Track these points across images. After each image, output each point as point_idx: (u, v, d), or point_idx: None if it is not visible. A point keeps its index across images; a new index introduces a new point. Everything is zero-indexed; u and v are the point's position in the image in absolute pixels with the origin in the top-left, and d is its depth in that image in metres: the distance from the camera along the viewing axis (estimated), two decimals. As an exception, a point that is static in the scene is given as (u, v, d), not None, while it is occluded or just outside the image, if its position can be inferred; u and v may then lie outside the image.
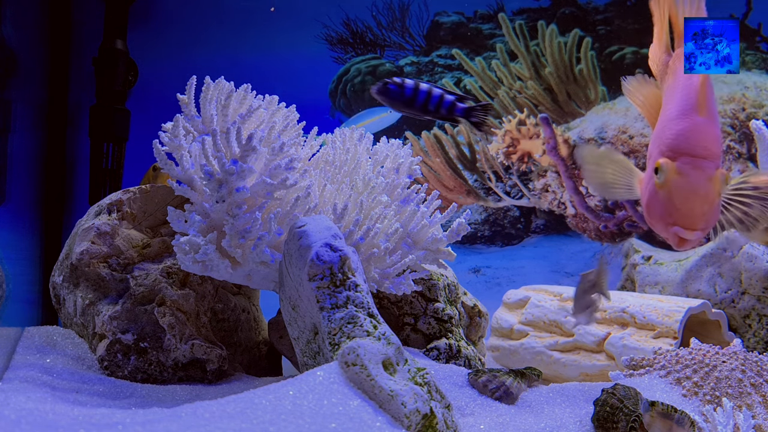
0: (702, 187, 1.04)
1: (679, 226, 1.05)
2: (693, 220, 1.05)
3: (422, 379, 1.15)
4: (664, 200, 1.06)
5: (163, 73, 2.61)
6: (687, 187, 1.05)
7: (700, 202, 1.05)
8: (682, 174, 1.05)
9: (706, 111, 1.10)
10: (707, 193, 1.05)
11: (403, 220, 1.58)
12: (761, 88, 2.70)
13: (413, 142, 2.79)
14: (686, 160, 1.06)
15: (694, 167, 1.05)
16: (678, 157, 1.07)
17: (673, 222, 1.06)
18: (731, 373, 1.42)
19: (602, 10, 2.78)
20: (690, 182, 1.04)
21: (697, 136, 1.08)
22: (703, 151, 1.06)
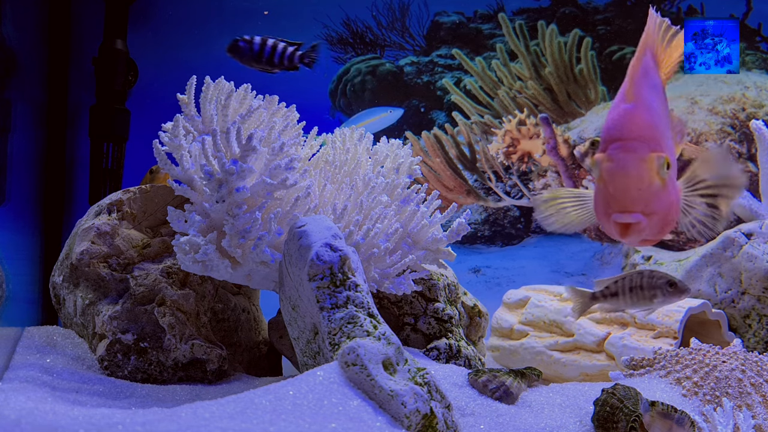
0: (632, 166, 1.00)
1: (616, 211, 1.01)
2: (627, 201, 1.00)
3: (422, 379, 1.15)
4: (603, 192, 1.02)
5: (163, 73, 2.61)
6: (617, 170, 1.01)
7: (633, 182, 1.00)
8: (611, 159, 1.02)
9: (634, 97, 1.07)
10: (640, 173, 1.00)
11: (403, 220, 1.58)
12: (761, 88, 2.70)
13: (413, 142, 2.79)
14: (615, 145, 1.02)
15: (622, 150, 1.02)
16: (606, 146, 1.04)
17: (609, 211, 1.02)
18: (731, 373, 1.42)
19: (602, 10, 2.78)
20: (619, 164, 1.01)
21: (623, 121, 1.04)
22: (630, 134, 1.03)
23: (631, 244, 1.07)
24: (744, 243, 1.97)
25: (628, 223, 1.00)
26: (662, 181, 1.02)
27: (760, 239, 1.96)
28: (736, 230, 2.01)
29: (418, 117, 2.83)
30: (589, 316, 1.84)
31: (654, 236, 1.07)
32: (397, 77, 2.83)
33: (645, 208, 1.00)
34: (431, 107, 2.83)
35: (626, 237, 1.02)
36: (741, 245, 1.97)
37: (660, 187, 1.02)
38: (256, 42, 1.72)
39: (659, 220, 1.03)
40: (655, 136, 1.05)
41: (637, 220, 0.99)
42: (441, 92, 2.83)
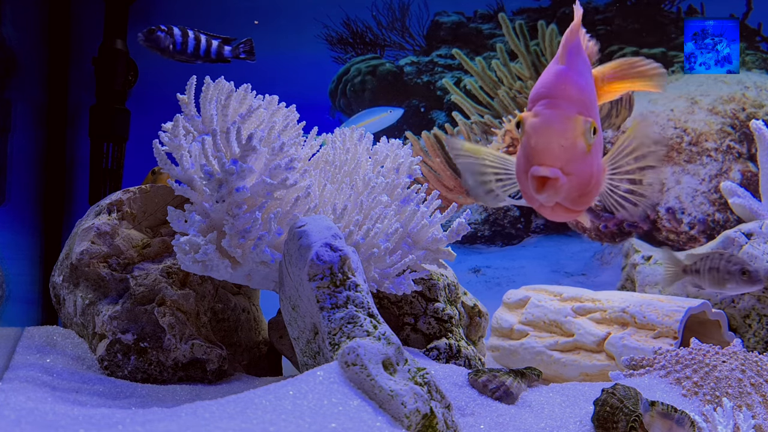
0: (557, 122, 0.97)
1: (534, 164, 0.96)
2: (547, 155, 0.96)
3: (422, 379, 1.15)
4: (523, 148, 0.99)
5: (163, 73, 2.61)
6: (540, 124, 0.97)
7: (555, 137, 0.96)
8: (536, 114, 0.99)
9: (567, 62, 1.04)
10: (564, 129, 0.97)
11: (403, 220, 1.58)
12: (761, 88, 2.70)
13: (413, 142, 2.79)
14: (542, 102, 1.00)
15: (548, 106, 0.99)
16: (532, 105, 1.01)
17: (530, 164, 0.98)
18: (731, 373, 1.42)
19: (602, 10, 2.78)
20: (543, 119, 0.97)
21: (553, 81, 1.02)
22: (559, 93, 1.00)
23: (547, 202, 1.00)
24: (744, 243, 1.97)
25: (545, 178, 0.96)
26: (587, 145, 0.98)
27: (760, 239, 1.96)
28: (736, 230, 2.01)
29: (418, 117, 2.83)
30: (589, 316, 1.84)
31: (572, 203, 1.02)
32: (397, 77, 2.83)
33: (565, 166, 0.96)
34: (431, 107, 2.83)
35: (542, 192, 0.98)
36: (741, 245, 1.97)
37: (584, 150, 0.98)
38: (177, 33, 1.71)
39: (578, 185, 0.99)
40: (584, 100, 1.02)
41: (555, 175, 0.95)
42: (441, 92, 2.83)
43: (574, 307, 1.86)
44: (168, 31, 1.70)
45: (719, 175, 2.66)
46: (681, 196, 2.68)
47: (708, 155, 2.68)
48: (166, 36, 1.68)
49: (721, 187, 2.18)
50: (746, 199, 2.12)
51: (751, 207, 2.10)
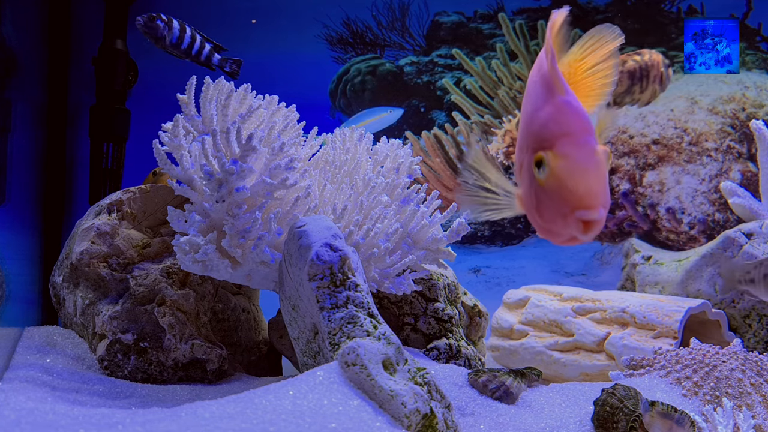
0: (592, 161, 0.93)
1: (581, 209, 0.92)
2: (594, 197, 0.92)
3: (422, 379, 1.15)
4: (556, 190, 0.94)
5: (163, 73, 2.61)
6: (578, 165, 0.93)
7: (595, 177, 0.93)
8: (566, 155, 0.93)
9: (565, 90, 0.99)
10: (599, 168, 0.94)
11: (403, 220, 1.58)
12: (761, 88, 2.70)
13: (413, 142, 2.79)
14: (565, 141, 0.94)
15: (576, 144, 0.94)
16: (553, 143, 0.95)
17: (572, 208, 0.93)
18: (731, 373, 1.42)
19: (602, 10, 2.78)
20: (579, 158, 0.93)
21: (566, 115, 0.97)
22: (577, 128, 0.95)
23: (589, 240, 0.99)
24: (744, 243, 1.97)
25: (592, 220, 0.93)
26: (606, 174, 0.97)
27: (760, 239, 1.96)
28: (736, 230, 2.01)
29: (418, 117, 2.83)
30: (589, 316, 1.84)
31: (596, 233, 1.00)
32: (397, 77, 2.83)
33: (606, 204, 0.95)
34: (431, 107, 2.83)
35: (589, 233, 0.94)
36: (741, 245, 1.97)
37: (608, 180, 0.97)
38: (175, 27, 1.72)
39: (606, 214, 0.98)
40: (593, 129, 0.98)
41: (602, 216, 0.93)
42: (441, 92, 2.83)
43: (574, 307, 1.86)
44: (167, 23, 1.71)
45: (719, 175, 2.66)
46: (681, 196, 2.68)
47: (708, 155, 2.68)
48: (164, 27, 1.69)
49: (721, 187, 2.18)
50: (746, 199, 2.12)
51: (751, 207, 2.10)
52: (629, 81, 2.13)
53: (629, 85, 2.15)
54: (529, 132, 1.01)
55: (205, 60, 1.79)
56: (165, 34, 1.70)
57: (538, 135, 0.98)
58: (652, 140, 2.72)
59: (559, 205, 0.94)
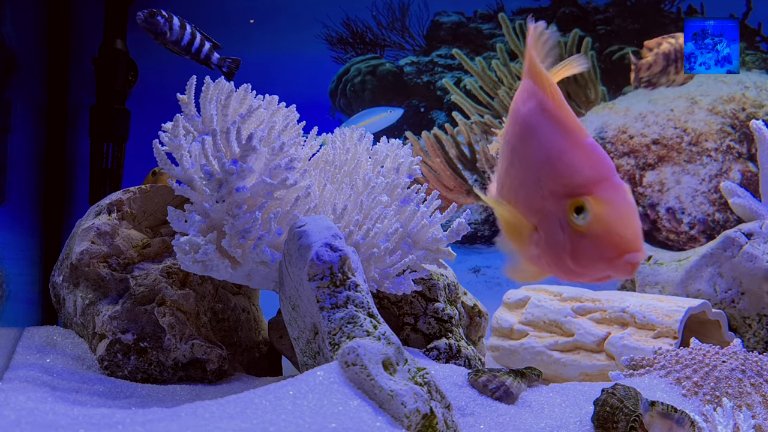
0: (632, 203, 0.93)
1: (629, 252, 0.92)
2: (641, 239, 0.93)
3: (422, 379, 1.15)
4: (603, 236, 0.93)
5: (163, 73, 2.61)
6: (624, 209, 0.93)
7: (637, 219, 0.94)
8: (610, 201, 0.93)
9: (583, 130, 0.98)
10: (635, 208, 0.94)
11: (403, 220, 1.58)
12: (761, 88, 2.70)
13: (413, 142, 2.79)
14: (605, 186, 0.93)
15: (616, 189, 0.93)
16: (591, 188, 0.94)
17: (619, 253, 0.92)
18: (731, 373, 1.42)
19: (602, 10, 2.78)
20: (623, 203, 0.93)
21: (598, 158, 0.96)
22: (612, 170, 0.95)
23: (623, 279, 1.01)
24: (744, 243, 1.97)
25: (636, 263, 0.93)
26: None
27: (760, 239, 1.96)
28: (736, 230, 2.01)
29: (418, 117, 2.83)
30: (589, 316, 1.84)
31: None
32: (397, 77, 2.83)
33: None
34: (431, 107, 2.83)
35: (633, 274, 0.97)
36: (741, 245, 1.97)
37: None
38: (176, 23, 1.72)
39: None
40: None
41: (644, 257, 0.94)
42: (441, 92, 2.83)
43: (574, 307, 1.86)
44: (168, 19, 1.71)
45: (719, 175, 2.66)
46: (681, 196, 2.68)
47: (708, 155, 2.68)
48: (165, 23, 1.69)
49: (721, 187, 2.18)
50: (746, 199, 2.12)
51: (751, 207, 2.10)
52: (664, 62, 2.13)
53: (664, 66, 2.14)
54: (554, 177, 0.97)
55: (204, 58, 1.79)
56: (165, 30, 1.70)
57: (570, 180, 0.95)
58: (652, 140, 2.72)
59: (606, 250, 0.93)
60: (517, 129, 1.04)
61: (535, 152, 1.00)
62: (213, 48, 1.80)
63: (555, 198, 0.96)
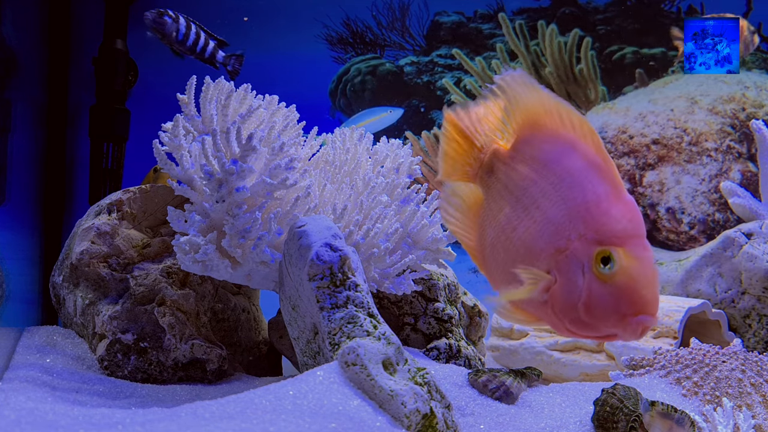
0: (656, 269, 0.94)
1: (645, 314, 0.91)
2: (657, 305, 0.93)
3: (422, 379, 1.15)
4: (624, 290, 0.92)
5: (163, 73, 2.61)
6: (650, 271, 0.92)
7: (657, 284, 0.94)
8: (640, 258, 0.92)
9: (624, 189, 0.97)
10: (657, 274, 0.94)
11: (403, 219, 1.58)
12: (761, 88, 2.70)
13: (413, 142, 2.79)
14: (638, 243, 0.93)
15: (646, 250, 0.93)
16: (624, 241, 0.93)
17: (635, 312, 0.92)
18: (731, 373, 1.42)
19: (602, 10, 2.78)
20: (650, 265, 0.93)
21: (636, 215, 0.95)
22: (643, 232, 0.95)
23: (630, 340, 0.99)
24: (744, 243, 1.97)
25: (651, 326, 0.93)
26: None
27: (760, 239, 1.96)
28: (736, 230, 2.01)
29: (418, 117, 2.83)
30: (589, 316, 1.84)
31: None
32: (397, 77, 2.83)
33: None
34: (431, 107, 2.83)
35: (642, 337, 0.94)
36: (741, 245, 1.97)
37: None
38: (182, 24, 1.73)
39: None
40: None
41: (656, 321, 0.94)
42: (441, 92, 2.83)
43: (574, 307, 1.86)
44: (175, 19, 1.72)
45: (719, 175, 2.66)
46: (681, 196, 2.68)
47: (708, 155, 2.68)
48: (172, 23, 1.70)
49: (721, 187, 2.18)
50: (746, 199, 2.12)
51: (751, 207, 2.10)
52: None
53: None
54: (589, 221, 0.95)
55: (209, 57, 1.80)
56: (173, 30, 1.71)
57: (605, 228, 0.94)
58: (652, 140, 2.72)
59: (623, 304, 0.92)
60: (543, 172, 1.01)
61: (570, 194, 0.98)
62: (218, 46, 1.81)
63: (584, 242, 0.94)
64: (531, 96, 1.01)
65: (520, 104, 1.02)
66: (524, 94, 1.01)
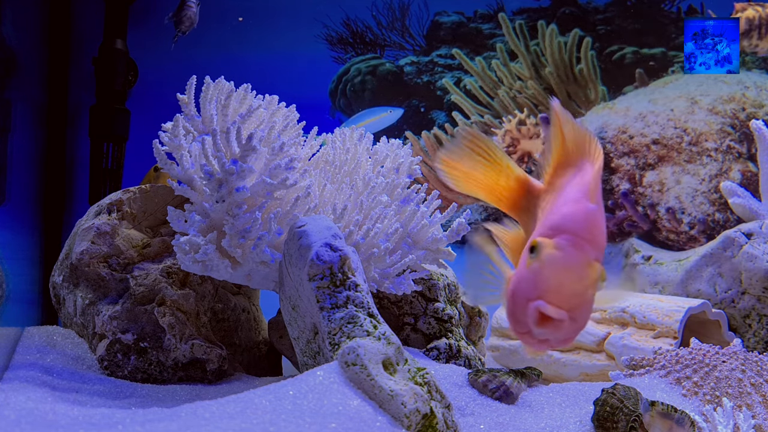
0: (578, 265, 0.92)
1: (544, 300, 0.91)
2: (561, 296, 0.91)
3: (422, 379, 1.15)
4: (533, 276, 0.93)
5: (163, 73, 2.61)
6: (562, 262, 0.92)
7: (573, 281, 0.92)
8: (558, 248, 0.93)
9: (597, 202, 0.98)
10: (582, 275, 0.92)
11: (403, 219, 1.58)
12: (761, 88, 2.70)
13: (413, 142, 2.79)
14: (567, 237, 0.93)
15: (573, 245, 0.93)
16: (556, 234, 0.94)
17: (536, 296, 0.92)
18: (731, 373, 1.42)
19: (602, 10, 2.78)
20: (566, 257, 0.92)
21: (584, 220, 0.95)
22: (586, 234, 0.94)
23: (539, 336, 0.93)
24: (744, 243, 1.97)
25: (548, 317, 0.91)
26: (594, 293, 0.94)
27: (760, 239, 1.96)
28: (736, 230, 2.01)
29: (418, 117, 2.83)
30: (589, 316, 1.84)
31: (560, 344, 0.96)
32: (397, 77, 2.83)
33: (572, 312, 0.92)
34: (431, 107, 2.83)
35: (541, 328, 0.92)
36: (741, 245, 1.97)
37: (592, 298, 0.94)
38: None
39: (576, 331, 0.95)
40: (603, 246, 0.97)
41: (561, 318, 0.90)
42: (441, 92, 2.83)
43: (574, 307, 1.86)
44: None
45: (719, 175, 2.66)
46: (681, 196, 2.68)
47: (708, 155, 2.68)
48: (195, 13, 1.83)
49: (721, 187, 2.18)
50: (746, 199, 2.12)
51: (751, 207, 2.10)
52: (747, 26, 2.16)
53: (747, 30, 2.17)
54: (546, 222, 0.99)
55: None
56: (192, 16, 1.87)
57: (553, 223, 0.97)
58: (652, 140, 2.72)
59: (528, 290, 0.93)
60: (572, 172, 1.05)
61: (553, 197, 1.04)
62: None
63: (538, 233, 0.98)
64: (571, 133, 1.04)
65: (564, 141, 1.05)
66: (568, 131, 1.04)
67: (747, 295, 1.95)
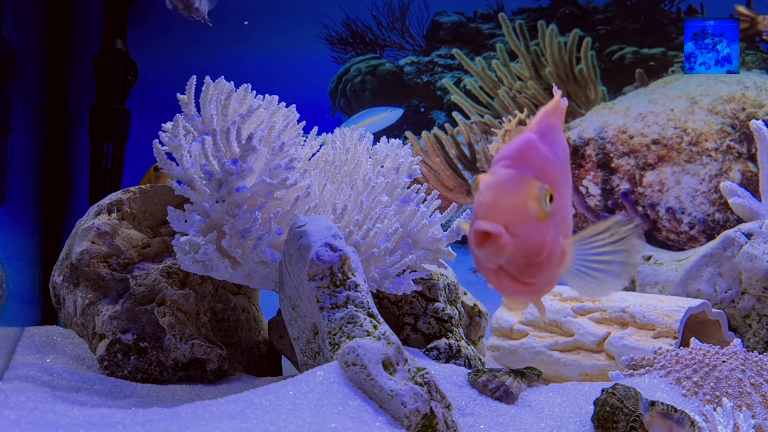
0: (508, 180, 0.91)
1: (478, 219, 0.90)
2: (492, 210, 0.89)
3: (422, 379, 1.15)
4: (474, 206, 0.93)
5: (163, 73, 2.61)
6: (491, 181, 0.92)
7: (504, 194, 0.90)
8: (490, 173, 0.93)
9: (539, 131, 0.98)
10: (514, 188, 0.90)
11: (403, 219, 1.58)
12: (761, 88, 2.70)
13: (413, 142, 2.79)
14: (501, 163, 0.93)
15: (504, 166, 0.93)
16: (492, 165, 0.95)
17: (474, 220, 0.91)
18: (731, 373, 1.42)
19: (602, 10, 2.78)
20: (496, 177, 0.92)
21: (517, 146, 0.95)
22: (519, 156, 0.94)
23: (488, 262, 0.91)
24: (744, 243, 1.97)
25: (487, 234, 0.89)
26: (541, 212, 0.91)
27: (760, 239, 1.96)
28: (736, 230, 2.01)
29: (418, 117, 2.83)
30: (589, 316, 1.84)
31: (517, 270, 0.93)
32: (397, 77, 2.83)
33: (510, 226, 0.89)
34: (431, 107, 2.83)
35: (481, 248, 0.90)
36: (741, 245, 1.97)
37: (535, 215, 0.91)
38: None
39: (525, 250, 0.92)
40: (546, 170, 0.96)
41: (496, 231, 0.88)
42: (441, 92, 2.83)
43: (574, 307, 1.86)
44: None
45: (719, 175, 2.66)
46: (681, 196, 2.68)
47: (708, 155, 2.68)
48: None
49: (721, 187, 2.18)
50: (746, 199, 2.12)
51: (751, 207, 2.10)
52: None
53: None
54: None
55: None
56: None
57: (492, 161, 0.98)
58: (652, 140, 2.72)
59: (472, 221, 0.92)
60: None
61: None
62: None
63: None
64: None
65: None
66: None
67: (747, 295, 1.95)
